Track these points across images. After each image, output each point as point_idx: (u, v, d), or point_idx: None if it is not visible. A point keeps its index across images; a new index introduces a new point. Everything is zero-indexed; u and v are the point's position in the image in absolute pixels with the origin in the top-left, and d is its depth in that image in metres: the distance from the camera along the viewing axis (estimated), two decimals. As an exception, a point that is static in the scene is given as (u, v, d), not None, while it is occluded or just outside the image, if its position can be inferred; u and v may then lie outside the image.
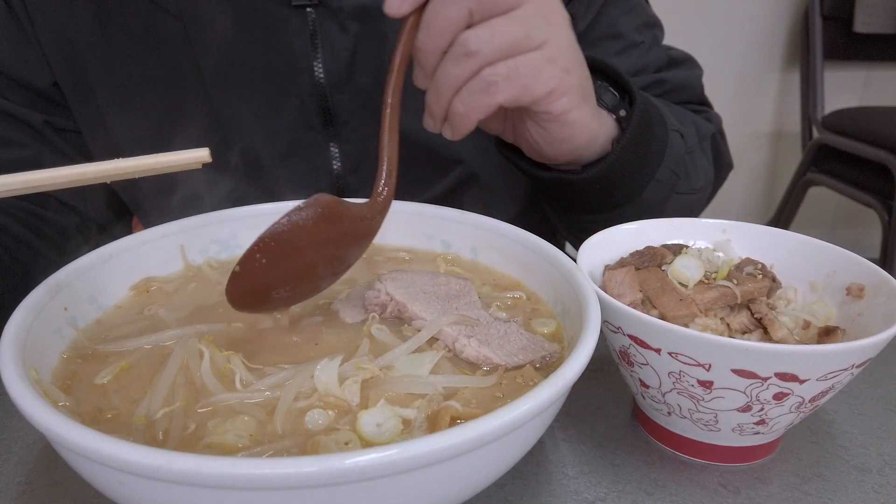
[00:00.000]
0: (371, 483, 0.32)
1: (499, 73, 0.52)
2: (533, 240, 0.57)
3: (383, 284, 0.53)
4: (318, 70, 0.75)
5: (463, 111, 0.53)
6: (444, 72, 0.52)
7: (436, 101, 0.54)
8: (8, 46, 0.74)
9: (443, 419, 0.40)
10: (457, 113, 0.53)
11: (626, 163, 0.66)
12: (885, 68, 2.44)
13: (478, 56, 0.51)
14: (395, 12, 0.51)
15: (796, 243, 0.58)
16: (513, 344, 0.48)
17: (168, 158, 0.43)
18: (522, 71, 0.53)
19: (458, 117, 0.54)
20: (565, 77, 0.55)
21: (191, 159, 0.43)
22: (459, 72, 0.52)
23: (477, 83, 0.52)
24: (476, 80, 0.52)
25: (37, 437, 0.51)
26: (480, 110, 0.53)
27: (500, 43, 0.51)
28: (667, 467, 0.50)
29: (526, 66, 0.53)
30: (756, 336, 0.51)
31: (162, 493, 0.33)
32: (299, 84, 0.76)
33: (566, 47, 0.56)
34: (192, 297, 0.56)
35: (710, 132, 0.85)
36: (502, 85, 0.52)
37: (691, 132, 0.79)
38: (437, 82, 0.53)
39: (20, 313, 0.44)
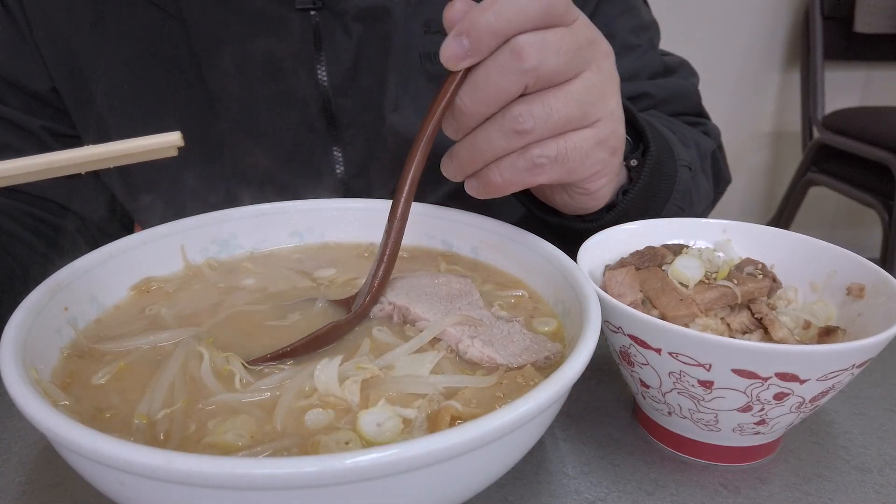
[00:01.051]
0: (371, 483, 0.32)
1: (547, 155, 0.49)
2: (533, 240, 0.57)
3: (384, 296, 0.53)
4: (321, 73, 0.75)
5: (501, 183, 0.50)
6: (487, 139, 0.49)
7: (469, 159, 0.50)
8: (6, 50, 0.74)
9: (443, 419, 0.40)
10: (492, 182, 0.50)
11: (634, 209, 0.64)
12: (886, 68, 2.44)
13: (529, 135, 0.48)
14: (452, 66, 0.47)
15: (797, 243, 0.58)
16: (516, 344, 0.48)
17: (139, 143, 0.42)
18: (571, 154, 0.49)
19: (492, 186, 0.50)
20: (610, 159, 0.53)
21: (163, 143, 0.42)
22: (506, 145, 0.48)
23: (522, 161, 0.49)
24: (522, 158, 0.49)
25: (37, 437, 0.51)
26: (518, 185, 0.50)
27: (555, 123, 0.48)
28: (667, 467, 0.50)
29: (575, 149, 0.49)
30: (756, 336, 0.51)
31: (162, 493, 0.32)
32: (302, 87, 0.75)
33: (617, 123, 0.53)
34: (192, 297, 0.56)
35: (711, 149, 0.84)
36: (549, 167, 0.49)
37: (694, 156, 0.77)
38: (477, 144, 0.49)
39: (20, 313, 0.44)
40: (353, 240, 0.66)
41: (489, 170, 0.50)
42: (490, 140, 0.48)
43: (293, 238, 0.66)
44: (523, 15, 0.45)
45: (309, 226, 0.66)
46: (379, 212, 0.65)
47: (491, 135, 0.48)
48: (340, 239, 0.66)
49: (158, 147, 0.41)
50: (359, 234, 0.66)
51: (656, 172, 0.65)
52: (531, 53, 0.45)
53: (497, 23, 0.45)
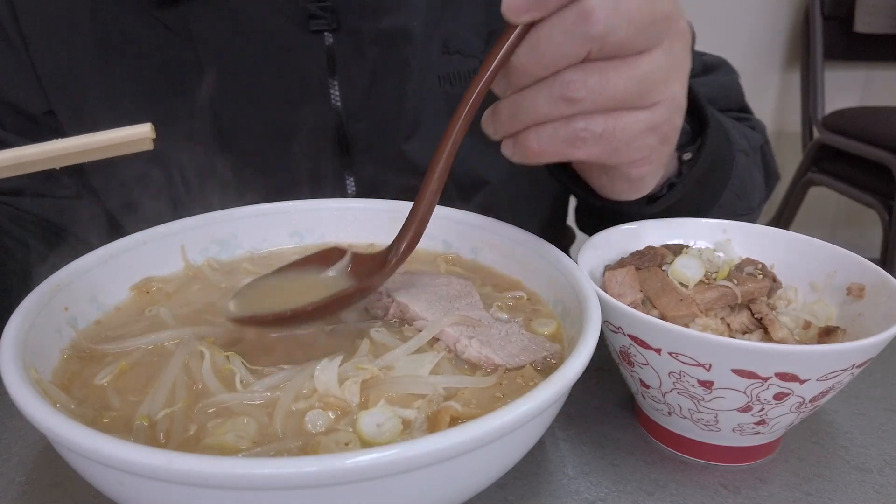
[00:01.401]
0: (371, 483, 0.32)
1: (592, 130, 0.45)
2: (533, 240, 0.57)
3: (385, 287, 0.53)
4: (335, 96, 0.73)
5: (536, 149, 0.46)
6: (533, 101, 0.45)
7: (510, 119, 0.47)
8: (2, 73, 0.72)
9: (443, 419, 0.40)
10: (528, 147, 0.46)
11: (683, 204, 0.60)
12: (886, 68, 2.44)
13: (578, 105, 0.44)
14: (514, 17, 0.43)
15: (797, 243, 0.58)
16: (514, 345, 0.48)
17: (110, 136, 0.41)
18: (618, 135, 0.45)
19: (528, 151, 0.47)
20: (659, 147, 0.49)
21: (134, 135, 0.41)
22: (550, 111, 0.44)
23: (564, 131, 0.45)
24: (564, 128, 0.45)
25: (37, 438, 0.51)
26: (555, 156, 0.47)
27: (609, 97, 0.44)
28: (667, 467, 0.50)
29: (624, 129, 0.45)
30: (756, 336, 0.51)
31: (162, 493, 0.33)
32: (314, 111, 0.73)
33: (675, 111, 0.48)
34: (192, 297, 0.56)
35: (760, 143, 0.81)
36: (591, 143, 0.45)
37: (747, 147, 0.74)
38: (521, 105, 0.45)
39: (20, 313, 0.44)
40: (353, 240, 0.66)
41: (528, 133, 0.46)
42: (535, 102, 0.45)
43: (293, 238, 0.66)
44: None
45: (309, 226, 0.66)
46: (379, 212, 0.66)
47: (538, 97, 0.44)
48: (340, 239, 0.66)
49: (130, 140, 0.40)
50: (359, 235, 0.66)
51: (711, 170, 0.61)
52: (601, 18, 0.40)
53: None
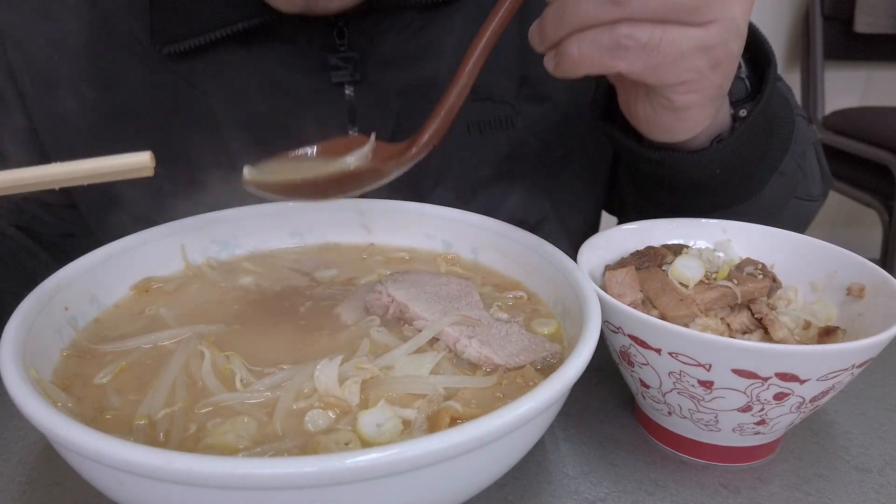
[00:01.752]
0: (371, 483, 0.32)
1: (637, 38, 0.42)
2: (533, 240, 0.57)
3: (384, 286, 0.53)
4: None
5: (576, 57, 0.43)
6: (577, 3, 0.42)
7: (554, 25, 0.44)
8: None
9: (443, 419, 0.40)
10: (568, 54, 0.44)
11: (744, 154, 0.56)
12: (886, 68, 2.44)
13: (625, 7, 0.41)
14: None
15: (797, 243, 0.58)
16: (514, 344, 0.48)
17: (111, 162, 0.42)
18: (664, 48, 0.42)
19: (567, 59, 0.44)
20: (708, 73, 0.45)
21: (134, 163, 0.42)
22: (594, 13, 0.42)
23: (606, 37, 0.42)
24: (607, 34, 0.42)
25: (37, 437, 0.51)
26: (594, 66, 0.44)
27: (660, 5, 0.41)
28: (667, 467, 0.50)
29: (671, 43, 0.42)
30: (756, 336, 0.51)
31: (162, 493, 0.33)
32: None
33: (733, 36, 0.44)
34: (192, 296, 0.56)
35: (813, 139, 0.77)
36: (633, 53, 0.42)
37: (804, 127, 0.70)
38: (566, 7, 0.43)
39: (21, 313, 0.44)
40: (353, 240, 0.66)
41: (569, 40, 0.44)
42: (581, 4, 0.42)
43: (293, 238, 0.66)
44: None
45: (309, 226, 0.66)
46: (379, 212, 0.65)
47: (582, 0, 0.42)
48: (341, 239, 0.66)
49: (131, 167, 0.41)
50: (359, 235, 0.66)
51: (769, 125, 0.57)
52: None
53: None
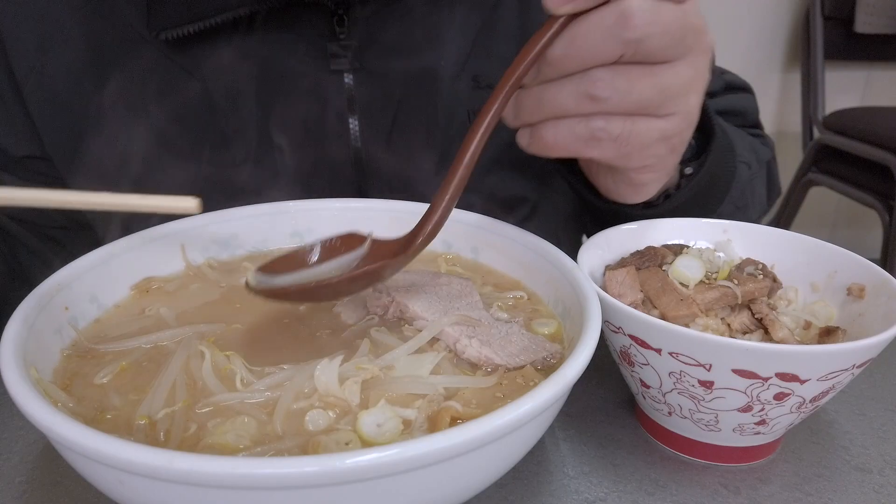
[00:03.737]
0: (371, 483, 0.32)
1: (610, 131, 0.46)
2: (533, 240, 0.57)
3: (385, 285, 0.53)
4: (355, 136, 0.72)
5: (551, 142, 0.47)
6: (557, 93, 0.46)
7: (532, 108, 0.48)
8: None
9: (443, 419, 0.40)
10: (544, 138, 0.48)
11: (685, 207, 0.62)
12: (886, 68, 2.44)
13: (602, 104, 0.45)
14: (554, 8, 0.44)
15: (797, 243, 0.58)
16: (514, 345, 0.48)
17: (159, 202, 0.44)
18: (633, 140, 0.47)
19: (542, 142, 0.48)
20: (667, 157, 0.51)
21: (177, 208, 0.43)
22: (573, 106, 0.46)
23: (582, 129, 0.46)
24: (582, 126, 0.46)
25: (37, 437, 0.51)
26: (567, 151, 0.48)
27: (632, 101, 0.45)
28: (667, 467, 0.50)
29: (639, 135, 0.47)
30: (757, 336, 0.51)
31: (162, 493, 0.33)
32: (332, 152, 0.72)
33: (688, 124, 0.50)
34: (192, 296, 0.56)
35: (768, 157, 0.82)
36: (606, 144, 0.47)
37: (752, 160, 0.76)
38: (545, 96, 0.46)
39: (21, 313, 0.44)
40: (353, 240, 0.66)
41: (546, 125, 0.47)
42: (560, 95, 0.46)
43: (293, 238, 0.66)
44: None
45: (309, 226, 0.66)
46: (379, 212, 0.65)
47: (563, 92, 0.46)
48: (341, 239, 0.66)
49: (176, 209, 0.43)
50: (359, 234, 0.66)
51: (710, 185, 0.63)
52: (640, 24, 0.42)
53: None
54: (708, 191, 0.63)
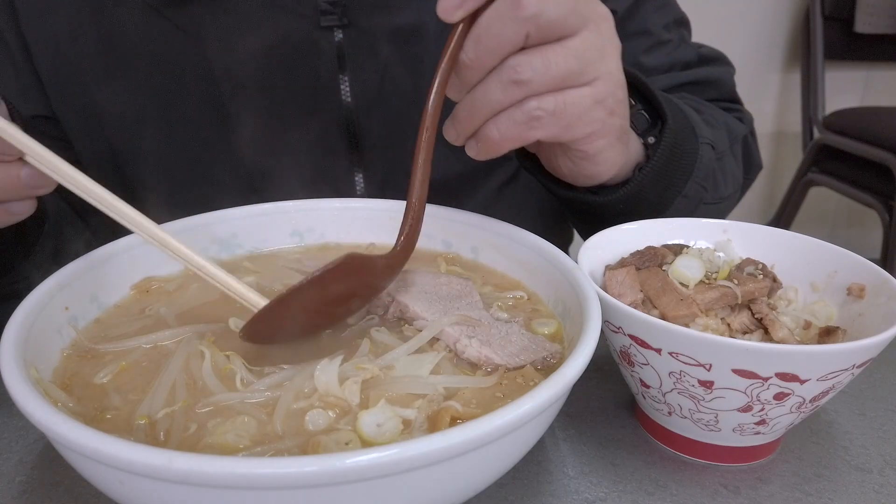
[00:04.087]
0: (371, 483, 0.32)
1: (545, 108, 0.48)
2: (533, 240, 0.57)
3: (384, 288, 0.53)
4: (346, 93, 0.73)
5: (497, 138, 0.49)
6: (485, 92, 0.48)
7: (468, 117, 0.50)
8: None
9: (443, 419, 0.40)
10: (489, 138, 0.50)
11: (651, 186, 0.63)
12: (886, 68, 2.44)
13: (527, 86, 0.47)
14: (447, 17, 0.46)
15: (797, 243, 0.58)
16: (514, 344, 0.48)
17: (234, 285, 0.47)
18: (569, 110, 0.49)
19: (489, 142, 0.50)
20: (608, 119, 0.52)
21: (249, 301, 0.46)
22: (503, 97, 0.48)
23: (519, 114, 0.48)
24: (519, 111, 0.48)
25: (37, 437, 0.51)
26: (515, 141, 0.50)
27: (553, 75, 0.47)
28: (667, 467, 0.50)
29: (573, 104, 0.49)
30: (757, 336, 0.51)
31: (162, 493, 0.33)
32: (325, 107, 0.73)
33: (615, 86, 0.52)
34: (192, 296, 0.56)
35: (743, 133, 0.83)
36: (546, 121, 0.49)
37: (722, 137, 0.77)
38: (476, 100, 0.49)
39: (21, 312, 0.44)
40: (353, 240, 0.66)
41: (487, 126, 0.49)
42: (488, 93, 0.48)
43: (293, 238, 0.66)
44: None
45: (309, 226, 0.66)
46: (379, 212, 0.66)
47: (489, 88, 0.48)
48: (341, 239, 0.66)
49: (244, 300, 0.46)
50: (359, 235, 0.66)
51: (675, 149, 0.64)
52: (530, 2, 0.45)
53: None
54: (671, 165, 0.65)
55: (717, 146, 0.73)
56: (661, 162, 0.63)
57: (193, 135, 0.74)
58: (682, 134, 0.66)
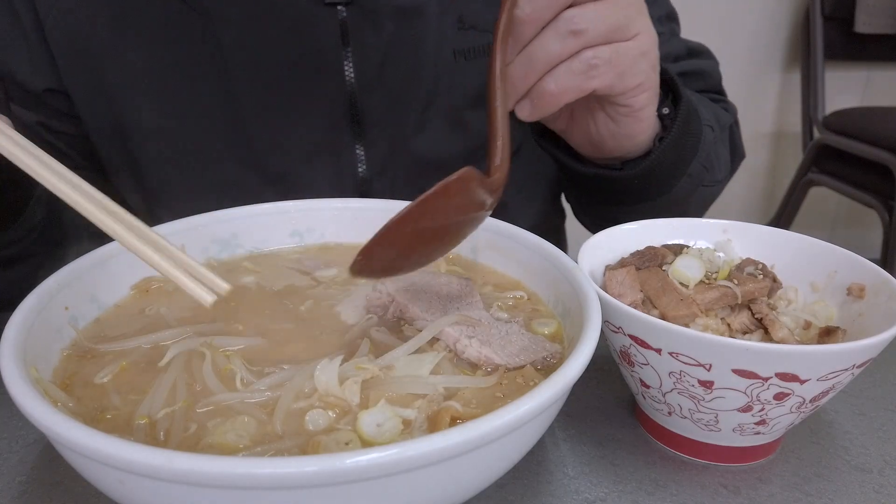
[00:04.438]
0: (371, 483, 0.32)
1: (601, 57, 0.51)
2: (533, 240, 0.57)
3: (385, 285, 0.53)
4: (348, 70, 0.75)
5: (556, 90, 0.51)
6: (542, 46, 0.50)
7: (523, 74, 0.51)
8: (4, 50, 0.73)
9: (443, 419, 0.40)
10: (547, 91, 0.51)
11: (666, 160, 0.66)
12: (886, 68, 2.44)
13: (583, 36, 0.49)
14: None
15: (797, 243, 0.58)
16: (514, 344, 0.48)
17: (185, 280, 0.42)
18: (622, 59, 0.52)
19: (547, 96, 0.51)
20: (651, 73, 0.55)
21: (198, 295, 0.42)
22: (561, 49, 0.50)
23: (577, 64, 0.50)
24: (576, 61, 0.50)
25: (37, 437, 0.51)
26: (574, 92, 0.52)
27: (605, 26, 0.50)
28: (667, 467, 0.50)
29: (624, 54, 0.52)
30: (757, 336, 0.51)
31: (162, 493, 0.33)
32: (328, 84, 0.75)
33: (654, 42, 0.55)
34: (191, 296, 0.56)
35: (729, 122, 0.86)
36: (602, 69, 0.51)
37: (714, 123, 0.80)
38: (532, 56, 0.50)
39: (21, 312, 0.44)
40: (353, 240, 0.66)
41: (543, 80, 0.51)
42: (545, 47, 0.50)
43: (293, 238, 0.66)
44: None
45: (309, 226, 0.66)
46: (379, 211, 0.66)
47: (546, 41, 0.50)
48: (341, 239, 0.66)
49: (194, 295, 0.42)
50: (359, 234, 0.66)
51: (688, 121, 0.66)
52: None
53: None
54: (682, 142, 0.67)
55: (714, 129, 0.76)
56: (679, 131, 0.65)
57: (199, 108, 0.76)
58: (691, 114, 0.68)
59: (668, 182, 0.69)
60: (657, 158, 0.64)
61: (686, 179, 0.70)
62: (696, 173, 0.71)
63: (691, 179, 0.71)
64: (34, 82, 0.75)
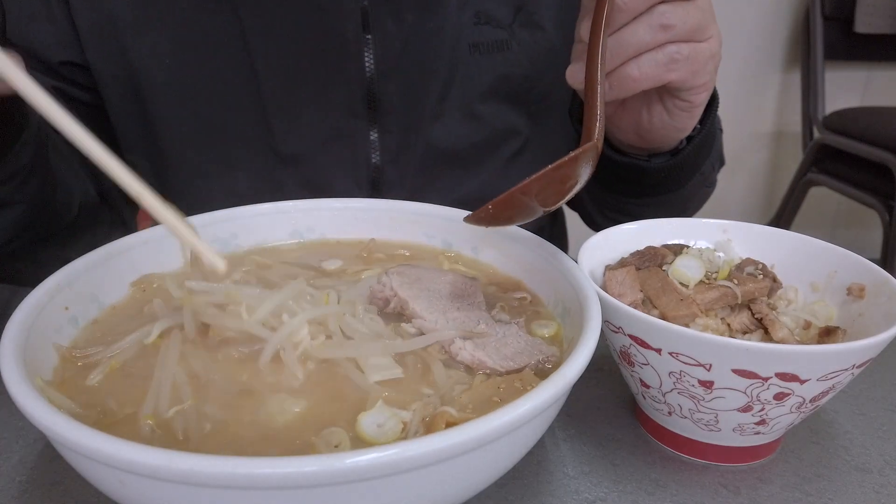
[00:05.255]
0: (371, 483, 0.32)
1: (682, 52, 0.55)
2: (534, 239, 0.57)
3: (389, 278, 0.53)
4: (368, 57, 0.76)
5: (638, 76, 0.55)
6: (634, 33, 0.54)
7: (611, 56, 0.55)
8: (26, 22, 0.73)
9: (438, 425, 0.39)
10: (630, 76, 0.55)
11: (690, 156, 0.70)
12: (886, 68, 2.44)
13: (671, 31, 0.54)
14: None
15: (797, 243, 0.58)
16: (509, 347, 0.48)
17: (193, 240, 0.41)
18: (697, 57, 0.56)
19: (629, 80, 0.55)
20: (714, 75, 0.60)
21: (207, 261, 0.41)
22: (650, 39, 0.54)
23: (661, 55, 0.55)
24: (661, 53, 0.55)
25: (37, 436, 0.51)
26: (652, 81, 0.56)
27: (689, 26, 0.54)
28: (667, 467, 0.50)
29: (700, 54, 0.56)
30: (757, 336, 0.51)
31: (162, 493, 0.32)
32: (347, 70, 0.76)
33: (720, 47, 0.59)
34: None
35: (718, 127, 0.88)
36: (681, 64, 0.55)
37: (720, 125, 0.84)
38: (622, 41, 0.54)
39: (21, 312, 0.44)
40: (353, 239, 0.66)
41: (628, 65, 0.55)
42: (636, 34, 0.54)
43: (293, 238, 0.66)
44: None
45: (309, 225, 0.66)
46: (379, 211, 0.66)
47: (638, 29, 0.54)
48: (341, 238, 0.66)
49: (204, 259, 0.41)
50: (360, 234, 0.66)
51: (713, 124, 0.70)
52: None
53: None
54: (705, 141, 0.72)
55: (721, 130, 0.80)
56: (708, 129, 0.69)
57: (220, 89, 0.77)
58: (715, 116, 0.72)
59: (687, 177, 0.73)
60: (689, 152, 0.68)
61: (698, 176, 0.74)
62: (707, 171, 0.75)
63: (702, 177, 0.75)
64: (54, 54, 0.75)
